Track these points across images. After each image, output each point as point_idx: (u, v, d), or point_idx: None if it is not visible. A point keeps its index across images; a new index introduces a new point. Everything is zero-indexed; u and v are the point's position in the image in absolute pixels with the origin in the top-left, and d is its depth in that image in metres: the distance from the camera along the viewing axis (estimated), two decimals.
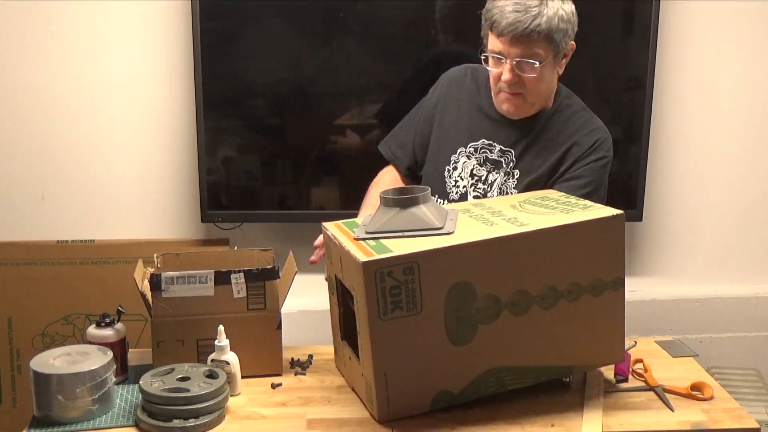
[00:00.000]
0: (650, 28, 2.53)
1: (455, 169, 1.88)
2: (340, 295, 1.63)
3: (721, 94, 2.75)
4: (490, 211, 1.67)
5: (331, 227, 1.63)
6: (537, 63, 1.73)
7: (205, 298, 1.61)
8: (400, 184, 1.97)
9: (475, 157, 1.87)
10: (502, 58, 1.75)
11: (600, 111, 2.63)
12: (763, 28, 2.71)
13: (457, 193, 1.89)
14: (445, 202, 1.89)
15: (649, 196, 2.72)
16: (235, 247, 2.33)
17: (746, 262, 2.89)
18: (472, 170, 1.88)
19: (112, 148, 2.62)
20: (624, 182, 2.66)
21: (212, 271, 1.61)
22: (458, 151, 1.89)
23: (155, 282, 1.59)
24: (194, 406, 1.44)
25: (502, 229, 1.53)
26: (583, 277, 1.56)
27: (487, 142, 1.87)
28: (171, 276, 1.59)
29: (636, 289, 2.86)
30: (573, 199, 1.69)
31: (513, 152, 1.86)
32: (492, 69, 1.78)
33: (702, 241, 2.86)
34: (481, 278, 1.49)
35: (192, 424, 1.44)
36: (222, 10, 2.45)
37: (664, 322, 2.82)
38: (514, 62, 1.73)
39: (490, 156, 1.87)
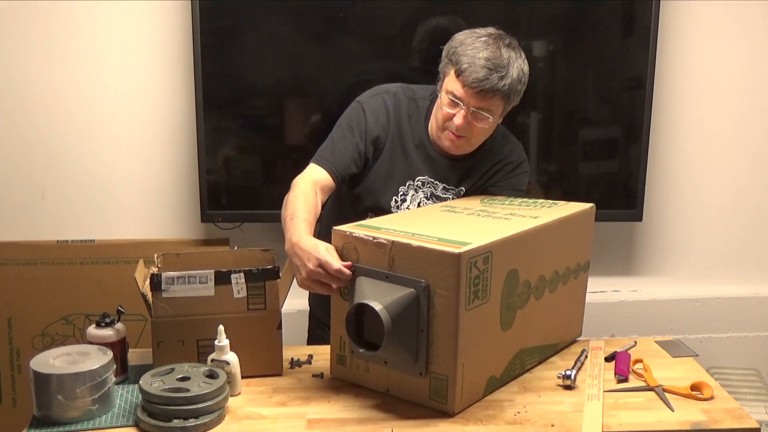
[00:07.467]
0: (650, 28, 2.53)
1: (404, 201, 1.92)
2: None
3: (721, 94, 2.75)
4: (478, 211, 1.75)
5: (355, 230, 1.57)
6: (490, 117, 1.79)
7: (205, 298, 1.61)
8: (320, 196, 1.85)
9: (422, 191, 1.92)
10: (459, 103, 1.78)
11: (600, 111, 2.67)
12: (764, 28, 2.71)
13: None
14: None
15: (649, 196, 2.72)
16: (235, 247, 2.33)
17: (746, 262, 2.89)
18: (419, 203, 1.93)
19: (112, 148, 2.62)
20: (624, 182, 2.66)
21: (212, 271, 1.61)
22: (407, 184, 1.92)
23: (155, 282, 1.59)
24: (194, 406, 1.44)
25: (524, 222, 1.65)
26: (571, 261, 1.80)
27: (430, 179, 1.92)
28: (171, 276, 1.59)
29: (636, 289, 2.86)
30: (526, 199, 1.90)
31: (456, 189, 1.94)
32: (446, 109, 1.81)
33: (702, 241, 2.86)
34: (523, 266, 1.61)
35: (192, 424, 1.44)
36: (222, 10, 2.44)
37: (664, 322, 2.83)
38: (470, 111, 1.78)
39: (435, 192, 1.93)
